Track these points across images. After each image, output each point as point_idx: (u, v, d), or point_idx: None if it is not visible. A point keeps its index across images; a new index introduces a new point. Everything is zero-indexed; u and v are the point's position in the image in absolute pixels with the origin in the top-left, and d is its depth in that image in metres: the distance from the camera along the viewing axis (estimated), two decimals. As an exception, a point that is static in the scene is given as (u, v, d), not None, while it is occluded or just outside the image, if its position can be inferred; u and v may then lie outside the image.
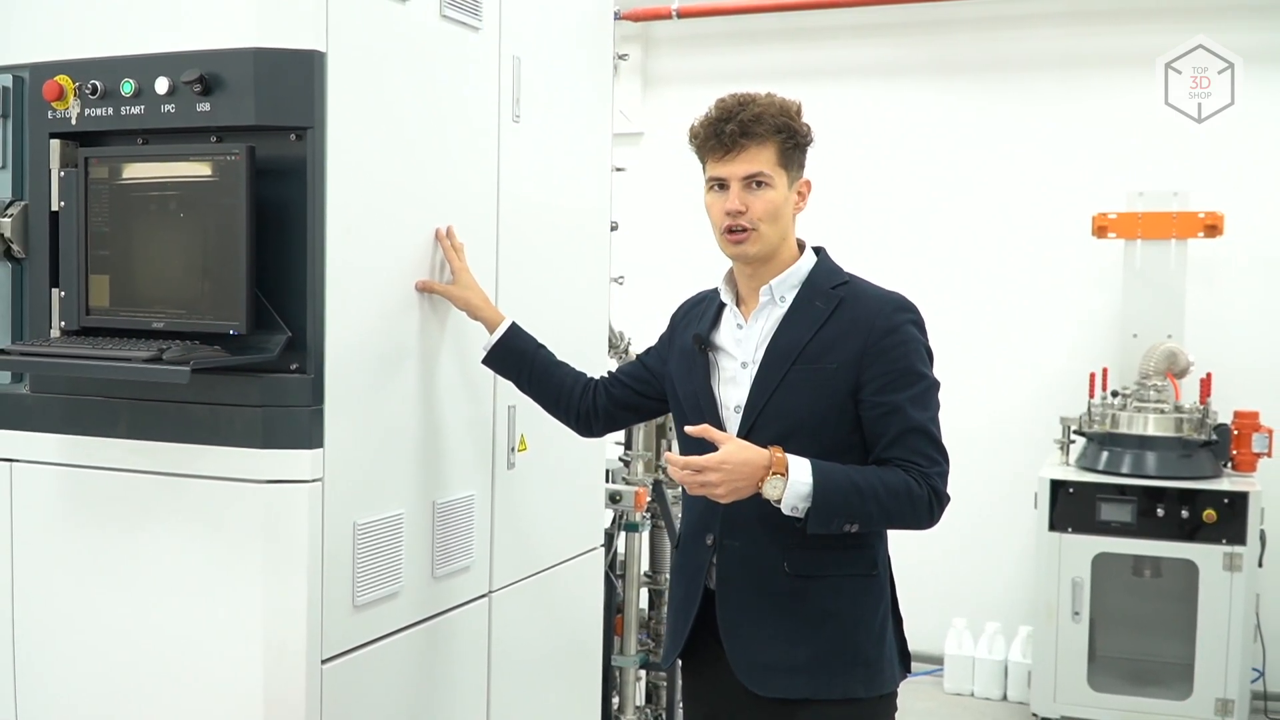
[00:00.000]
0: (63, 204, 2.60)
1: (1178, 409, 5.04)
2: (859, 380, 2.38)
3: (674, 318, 2.73)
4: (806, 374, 2.40)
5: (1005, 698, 5.55)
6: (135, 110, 2.51)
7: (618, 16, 3.63)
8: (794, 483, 2.28)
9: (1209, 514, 4.72)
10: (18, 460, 2.68)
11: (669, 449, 4.30)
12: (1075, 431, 5.18)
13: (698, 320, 2.60)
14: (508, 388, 3.04)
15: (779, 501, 2.29)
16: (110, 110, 2.53)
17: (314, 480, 2.46)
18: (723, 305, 2.57)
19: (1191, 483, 4.80)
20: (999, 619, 5.68)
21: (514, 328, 2.83)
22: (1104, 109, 5.64)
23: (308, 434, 2.45)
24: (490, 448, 3.07)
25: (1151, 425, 4.96)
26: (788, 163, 2.45)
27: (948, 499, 2.40)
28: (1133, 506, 4.82)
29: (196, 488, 2.49)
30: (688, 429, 2.41)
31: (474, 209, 2.96)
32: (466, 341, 2.93)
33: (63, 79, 2.55)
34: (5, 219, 2.65)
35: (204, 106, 2.45)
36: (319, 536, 2.47)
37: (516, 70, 3.06)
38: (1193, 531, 4.75)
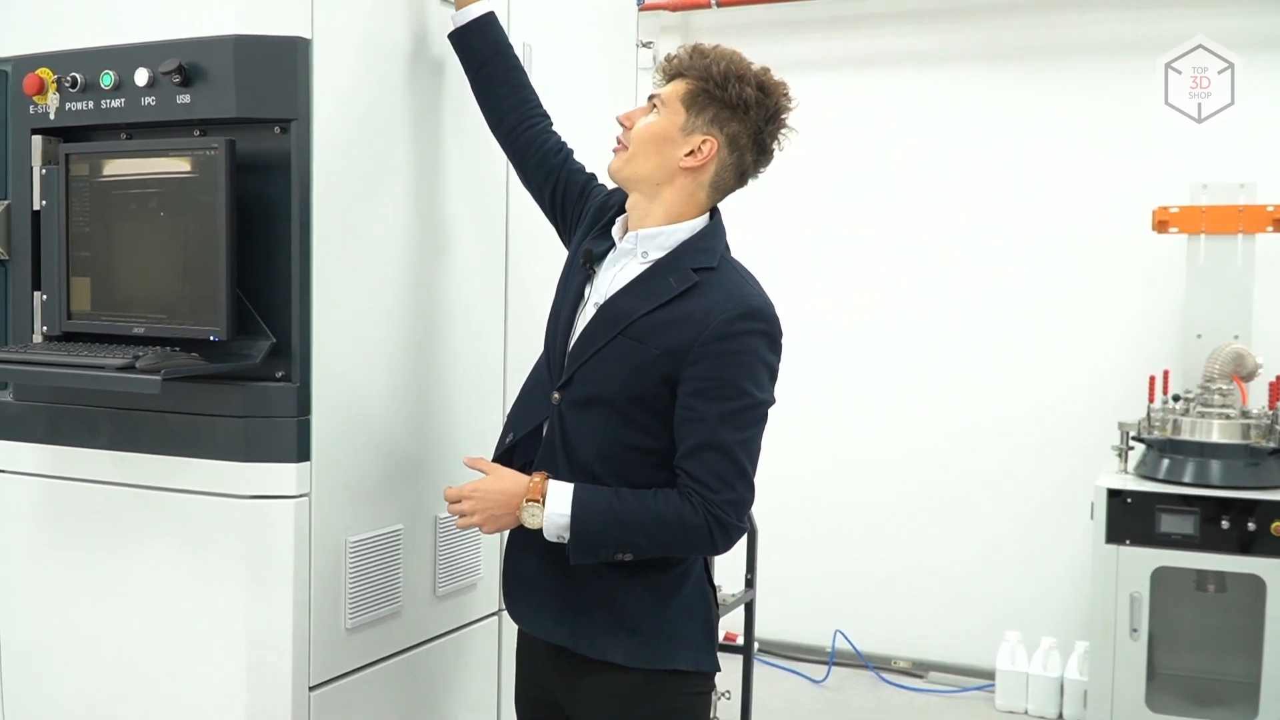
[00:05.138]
0: (44, 203, 2.48)
1: (1244, 414, 4.77)
2: (679, 375, 2.19)
3: (593, 202, 2.51)
4: (628, 349, 2.22)
5: (1061, 716, 5.31)
6: (115, 104, 2.39)
7: (640, 4, 3.45)
8: (550, 514, 2.18)
9: (1277, 526, 4.45)
10: (1, 470, 2.56)
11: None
12: (1134, 438, 4.92)
13: (600, 232, 2.41)
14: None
15: (540, 530, 2.19)
16: (90, 104, 2.41)
17: (300, 496, 2.32)
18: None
19: (1258, 493, 4.52)
20: (1055, 633, 5.44)
21: (493, 16, 2.62)
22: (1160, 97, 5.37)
23: (293, 446, 2.31)
24: (500, 458, 2.91)
25: (1216, 432, 4.70)
26: (692, 105, 2.26)
27: (738, 529, 2.19)
28: (1195, 518, 4.55)
29: (177, 502, 2.37)
30: (465, 459, 2.36)
31: (479, 206, 2.80)
32: (472, 345, 2.78)
33: (43, 72, 2.44)
34: (-13, 219, 2.54)
35: (184, 98, 2.32)
36: (306, 555, 2.33)
37: (527, 59, 2.89)
38: (1259, 544, 4.48)
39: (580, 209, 2.51)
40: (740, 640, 4.54)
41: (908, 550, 5.80)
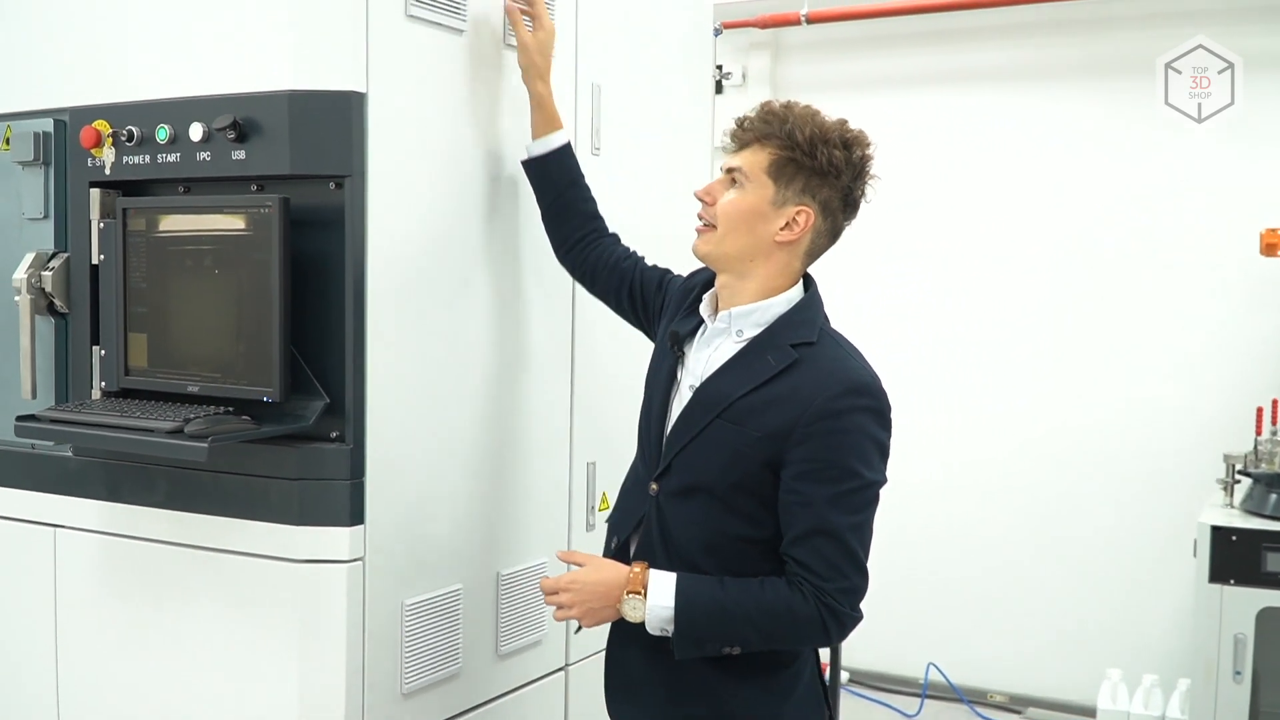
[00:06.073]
0: (102, 257, 2.46)
1: (1359, 447, 4.53)
2: (783, 458, 2.05)
3: (674, 290, 2.41)
4: (728, 433, 2.09)
5: (1162, 756, 5.10)
6: (171, 158, 2.35)
7: (718, 33, 3.35)
8: (653, 606, 2.06)
9: (1391, 567, 4.21)
10: (61, 526, 2.55)
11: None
12: (1240, 471, 4.69)
13: (686, 312, 2.29)
14: (585, 444, 2.82)
15: (643, 624, 2.07)
16: (146, 158, 2.38)
17: (353, 560, 2.26)
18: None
19: (1373, 532, 4.29)
20: (1157, 670, 5.21)
21: (569, 147, 2.57)
22: (1273, 112, 5.12)
23: (346, 510, 2.25)
24: (566, 509, 2.84)
25: (1328, 466, 4.46)
26: (780, 176, 2.12)
27: (853, 619, 2.05)
28: (1305, 557, 4.33)
29: (230, 564, 2.33)
30: (559, 553, 2.29)
31: (543, 255, 2.72)
32: (535, 397, 2.70)
33: (100, 124, 2.41)
34: (47, 273, 2.52)
35: (239, 154, 2.27)
36: (359, 620, 2.28)
37: (596, 99, 2.81)
38: (1374, 586, 4.25)
39: (661, 298, 2.43)
40: (826, 676, 4.42)
41: (1005, 581, 5.61)
